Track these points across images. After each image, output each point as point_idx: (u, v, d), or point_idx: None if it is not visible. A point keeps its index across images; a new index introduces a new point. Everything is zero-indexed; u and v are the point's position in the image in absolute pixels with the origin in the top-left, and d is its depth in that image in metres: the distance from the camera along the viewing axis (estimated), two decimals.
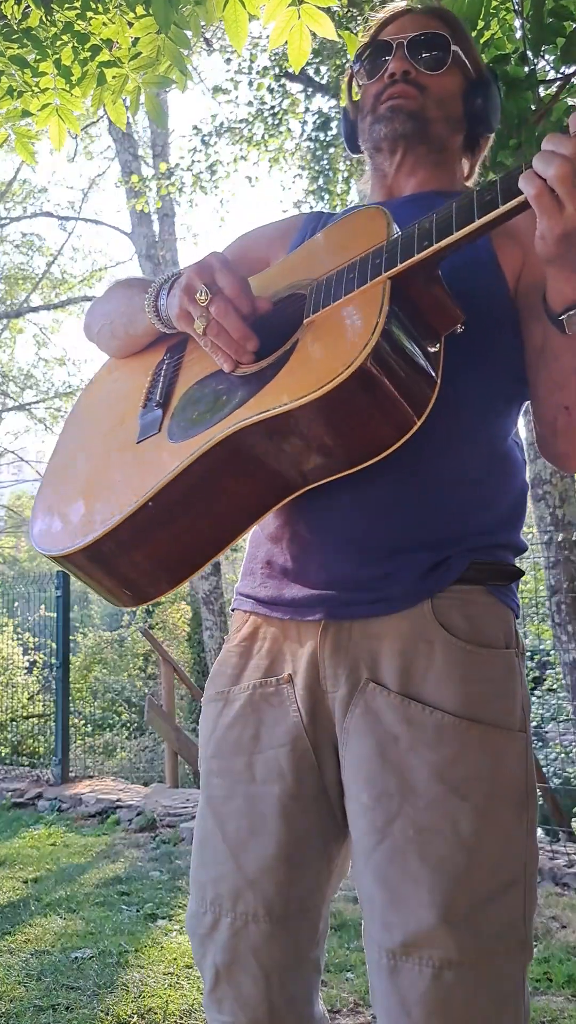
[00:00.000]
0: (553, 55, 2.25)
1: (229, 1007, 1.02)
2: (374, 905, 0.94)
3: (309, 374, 0.86)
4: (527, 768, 0.96)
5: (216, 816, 1.05)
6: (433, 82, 1.12)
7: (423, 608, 0.96)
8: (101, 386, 1.24)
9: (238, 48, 1.85)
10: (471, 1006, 0.89)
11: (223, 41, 8.13)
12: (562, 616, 5.54)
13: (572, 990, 2.36)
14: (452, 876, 0.90)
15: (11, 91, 2.28)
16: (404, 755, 0.93)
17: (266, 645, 1.06)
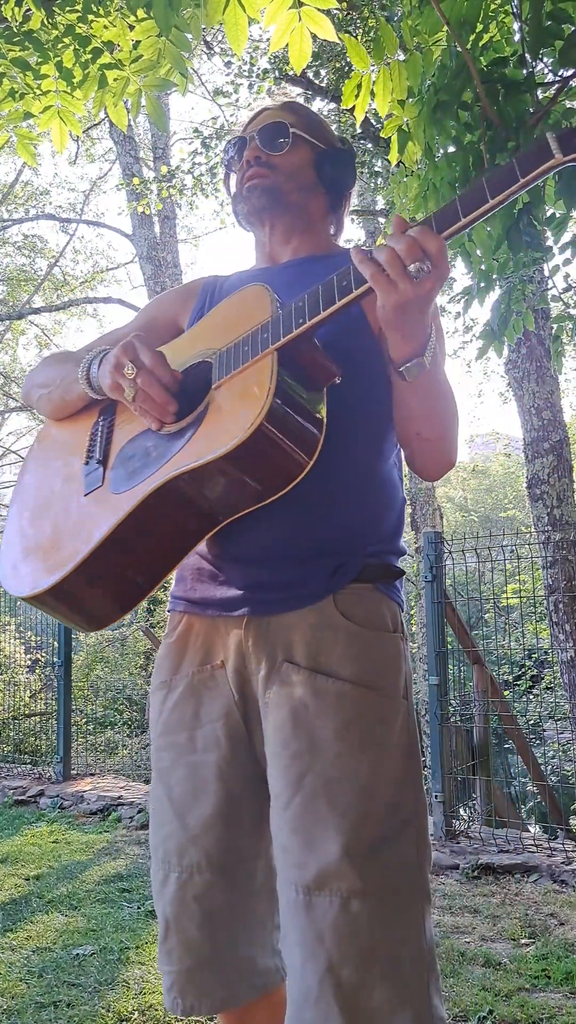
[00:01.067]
0: (551, 58, 2.26)
1: (177, 955, 1.19)
2: (289, 852, 1.10)
3: (221, 432, 1.07)
4: (411, 729, 1.18)
5: (164, 784, 1.24)
6: (280, 160, 1.35)
7: (327, 602, 1.18)
8: (47, 445, 1.45)
9: (238, 51, 1.86)
10: (376, 931, 1.05)
11: (223, 44, 8.14)
12: (559, 615, 5.55)
13: (570, 987, 2.38)
14: (354, 818, 1.08)
15: (13, 93, 2.30)
16: (313, 719, 1.13)
17: (200, 639, 1.26)
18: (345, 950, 1.03)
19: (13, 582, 1.26)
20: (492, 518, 22.60)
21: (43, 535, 1.28)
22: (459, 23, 2.06)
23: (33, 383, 1.45)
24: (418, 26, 2.20)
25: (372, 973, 1.04)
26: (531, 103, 2.17)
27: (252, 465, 1.07)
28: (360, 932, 1.04)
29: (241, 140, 1.39)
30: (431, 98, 2.16)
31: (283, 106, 1.42)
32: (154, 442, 1.19)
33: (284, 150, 1.36)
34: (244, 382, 1.10)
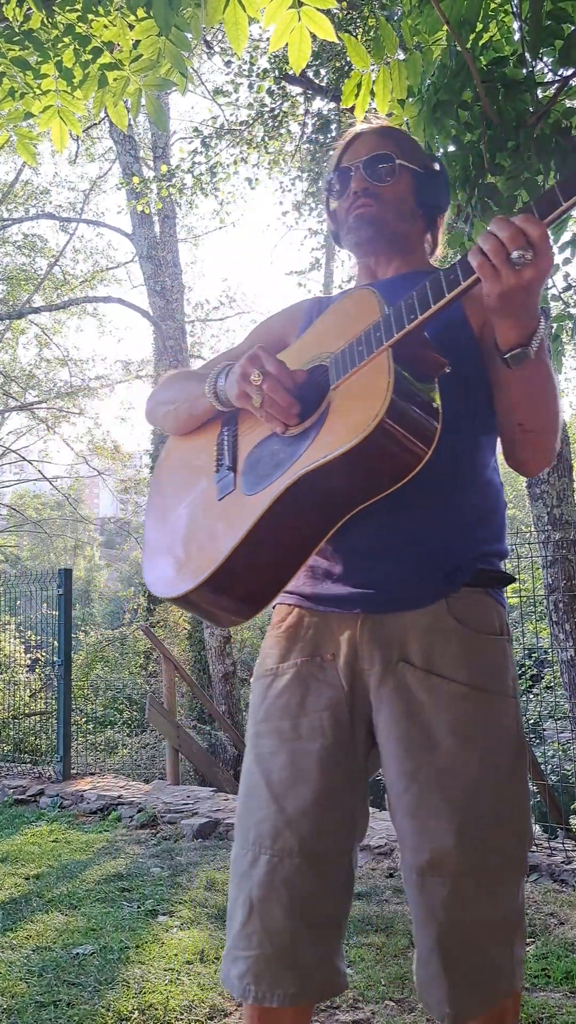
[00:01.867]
0: (551, 57, 2.26)
1: (258, 939, 1.22)
2: (405, 835, 1.23)
3: (344, 429, 1.14)
4: (519, 725, 1.27)
5: (263, 769, 1.29)
6: (386, 190, 1.43)
7: (441, 605, 1.25)
8: (175, 458, 1.55)
9: (238, 50, 1.86)
10: (481, 907, 1.19)
11: (223, 44, 8.14)
12: (559, 615, 5.55)
13: (569, 986, 2.38)
14: (465, 808, 1.19)
15: (13, 93, 2.30)
16: (428, 717, 1.22)
17: (310, 632, 1.32)
18: (451, 925, 1.19)
19: (161, 586, 1.36)
20: None
21: (183, 541, 1.37)
22: (459, 22, 2.05)
23: (158, 401, 1.55)
24: (418, 25, 2.20)
25: (474, 942, 1.20)
26: (531, 102, 2.17)
27: (376, 457, 1.13)
28: (464, 910, 1.18)
29: (346, 170, 1.46)
30: (431, 97, 2.16)
31: (382, 132, 1.50)
32: (280, 445, 1.27)
33: (389, 181, 1.43)
34: (362, 380, 1.17)
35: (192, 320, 17.32)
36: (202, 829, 4.32)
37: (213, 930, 2.86)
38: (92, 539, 24.77)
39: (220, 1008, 2.27)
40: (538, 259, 1.04)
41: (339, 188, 1.48)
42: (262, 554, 1.23)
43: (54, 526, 22.10)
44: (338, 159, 1.50)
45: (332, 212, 1.52)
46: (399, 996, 2.30)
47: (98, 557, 27.88)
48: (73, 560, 25.42)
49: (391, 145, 1.46)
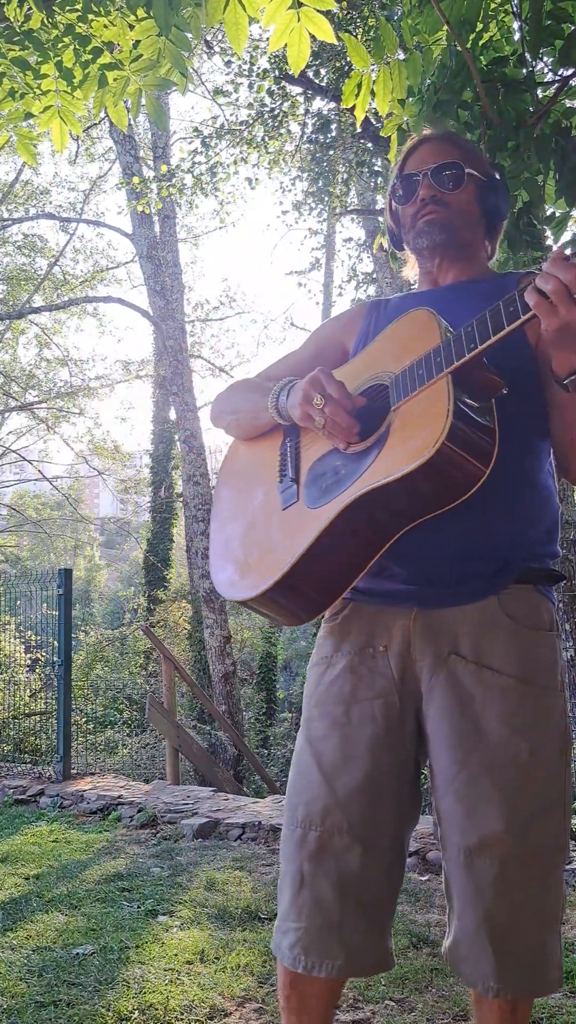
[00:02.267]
0: (551, 57, 2.26)
1: (308, 912, 1.30)
2: (453, 818, 1.28)
3: (405, 452, 1.21)
4: (566, 718, 1.32)
5: (314, 751, 1.36)
6: (453, 199, 1.48)
7: (491, 601, 1.32)
8: (238, 462, 1.63)
9: (238, 50, 1.86)
10: (527, 888, 1.26)
11: (223, 44, 8.14)
12: (560, 615, 5.55)
13: (570, 987, 2.38)
14: (514, 795, 1.26)
15: (13, 93, 2.30)
16: (478, 708, 1.28)
17: (363, 624, 1.39)
18: (500, 903, 1.25)
19: (229, 589, 1.45)
20: None
21: (249, 547, 1.46)
22: (459, 22, 2.05)
23: (222, 409, 1.63)
24: (418, 25, 2.20)
25: (520, 921, 1.26)
26: (531, 102, 2.17)
27: (435, 479, 1.20)
28: (512, 890, 1.25)
29: (412, 176, 1.51)
30: (431, 97, 2.15)
31: (447, 139, 1.57)
32: (342, 461, 1.34)
33: (457, 189, 1.49)
34: (422, 404, 1.23)
35: (192, 320, 17.33)
36: (202, 829, 4.32)
37: (213, 930, 2.86)
38: (92, 539, 24.77)
39: (220, 1008, 2.27)
40: None
41: (404, 194, 1.52)
42: (323, 564, 1.31)
43: (54, 526, 22.10)
44: (402, 164, 1.55)
45: (395, 215, 1.58)
46: (399, 996, 2.30)
47: (98, 557, 27.89)
48: (73, 560, 25.43)
49: (458, 153, 1.51)
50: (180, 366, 12.22)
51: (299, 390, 1.36)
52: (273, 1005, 2.27)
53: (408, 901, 3.14)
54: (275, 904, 3.14)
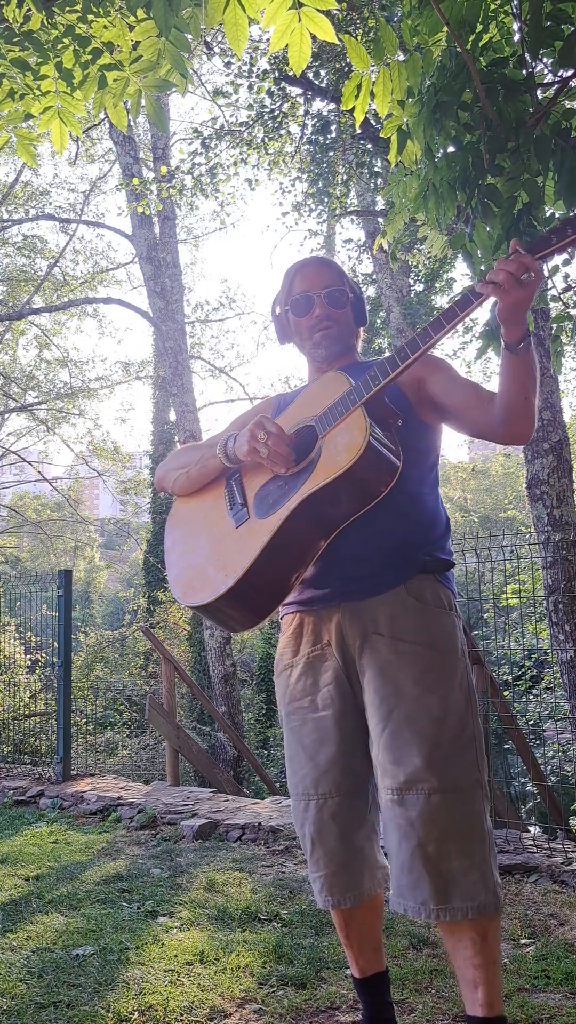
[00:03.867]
0: (551, 58, 2.26)
1: (324, 862, 1.72)
2: (384, 766, 1.60)
3: (337, 460, 1.57)
4: (468, 678, 1.67)
5: (296, 739, 1.76)
6: (340, 315, 1.90)
7: (400, 589, 1.69)
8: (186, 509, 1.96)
9: (238, 51, 1.86)
10: (451, 816, 1.54)
11: (223, 44, 8.14)
12: (559, 616, 5.55)
13: (570, 987, 2.37)
14: (431, 740, 1.57)
15: (12, 94, 2.30)
16: (395, 672, 1.63)
17: (310, 628, 1.77)
18: (429, 831, 1.53)
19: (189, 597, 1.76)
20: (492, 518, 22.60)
21: (206, 561, 1.76)
22: (459, 23, 2.06)
23: (168, 468, 2.00)
24: (418, 26, 2.20)
25: (449, 847, 1.53)
26: (531, 103, 2.17)
27: (360, 479, 1.56)
28: (439, 818, 1.53)
29: (308, 296, 1.89)
30: (431, 98, 2.16)
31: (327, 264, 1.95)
32: (283, 482, 1.69)
33: (342, 307, 1.90)
34: (344, 428, 1.60)
35: (192, 321, 17.33)
36: (202, 830, 4.32)
37: (213, 931, 2.86)
38: (92, 540, 24.75)
39: (220, 1009, 2.27)
40: (536, 278, 1.49)
41: (301, 309, 1.90)
42: (279, 558, 1.63)
43: (54, 527, 22.09)
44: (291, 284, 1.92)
45: (286, 320, 1.94)
46: (399, 997, 2.30)
47: (98, 558, 27.86)
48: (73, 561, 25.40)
49: (338, 278, 1.91)
50: (180, 367, 12.22)
51: (246, 432, 1.72)
52: (273, 1006, 2.27)
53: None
54: (275, 905, 3.14)
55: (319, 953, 2.61)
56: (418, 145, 2.25)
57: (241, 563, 1.63)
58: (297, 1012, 2.25)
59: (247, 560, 1.62)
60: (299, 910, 3.03)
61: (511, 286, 1.47)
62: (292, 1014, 2.24)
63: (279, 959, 2.58)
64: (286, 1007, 2.26)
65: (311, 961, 2.54)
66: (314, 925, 2.88)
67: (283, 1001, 2.29)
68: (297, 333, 1.95)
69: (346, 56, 6.38)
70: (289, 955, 2.59)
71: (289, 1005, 2.27)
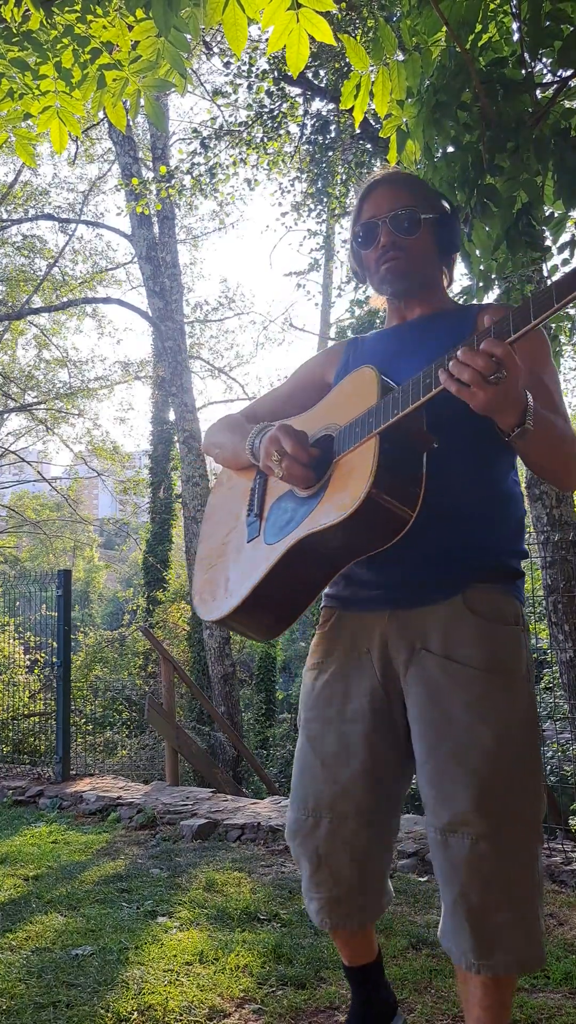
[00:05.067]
0: (550, 58, 2.26)
1: (328, 884, 1.54)
2: (428, 800, 1.42)
3: (337, 503, 1.40)
4: (532, 703, 1.44)
5: (314, 749, 1.56)
6: (411, 243, 1.61)
7: (456, 599, 1.46)
8: (224, 490, 1.87)
9: (237, 51, 1.86)
10: (500, 865, 1.35)
11: (222, 44, 8.14)
12: (559, 615, 5.55)
13: (569, 987, 2.37)
14: (481, 778, 1.36)
15: (12, 93, 2.30)
16: (446, 697, 1.41)
17: (348, 630, 1.57)
18: (472, 880, 1.36)
19: (205, 610, 1.67)
20: None
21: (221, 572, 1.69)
22: (458, 23, 2.06)
23: (211, 442, 1.85)
24: (417, 26, 2.20)
25: (494, 898, 1.35)
26: (530, 103, 2.17)
27: (365, 525, 1.37)
28: (484, 867, 1.35)
29: (372, 223, 1.62)
30: (430, 98, 2.16)
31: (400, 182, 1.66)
32: (293, 503, 1.55)
33: (414, 234, 1.61)
34: (356, 458, 1.41)
35: (191, 321, 17.33)
36: (201, 830, 4.32)
37: (212, 931, 2.86)
38: (91, 540, 24.74)
39: (219, 1009, 2.27)
40: (511, 371, 1.21)
41: (366, 239, 1.65)
42: (276, 593, 1.52)
43: (53, 527, 22.08)
44: (359, 209, 1.66)
45: (358, 257, 1.70)
46: (399, 997, 2.30)
47: (97, 558, 27.84)
48: (72, 561, 25.39)
49: (411, 197, 1.62)
50: (179, 367, 12.22)
51: (265, 442, 1.55)
52: (272, 1006, 2.27)
53: (407, 902, 3.13)
54: (274, 905, 3.13)
55: (319, 953, 2.61)
56: (417, 145, 2.25)
57: (240, 590, 1.56)
58: (297, 1012, 2.25)
59: (245, 589, 1.55)
60: (299, 910, 3.03)
61: (479, 387, 1.21)
62: (292, 1014, 2.24)
63: (278, 959, 2.58)
64: (285, 1007, 2.26)
65: (311, 961, 2.54)
66: (314, 925, 2.88)
67: (282, 1001, 2.29)
68: (367, 268, 1.69)
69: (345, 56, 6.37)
70: (289, 955, 2.59)
71: (289, 1005, 2.27)
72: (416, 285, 1.63)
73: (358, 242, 1.67)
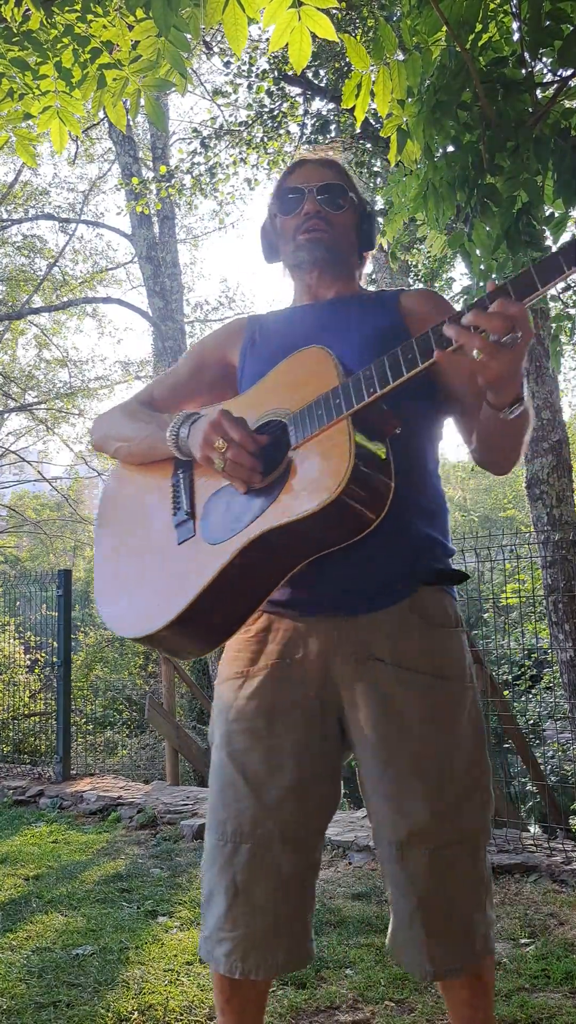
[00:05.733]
0: (551, 58, 2.26)
1: (244, 920, 1.33)
2: (384, 815, 1.34)
3: (308, 492, 1.22)
4: (478, 709, 1.40)
5: (237, 765, 1.37)
6: (337, 219, 1.53)
7: (404, 604, 1.36)
8: (126, 489, 1.58)
9: (237, 51, 1.86)
10: (458, 871, 1.33)
11: (223, 44, 8.13)
12: (559, 615, 5.55)
13: (570, 987, 2.37)
14: (437, 786, 1.32)
15: (12, 93, 2.30)
16: (399, 707, 1.33)
17: (279, 635, 1.40)
18: (432, 890, 1.31)
19: (119, 623, 1.44)
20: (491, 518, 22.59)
21: (144, 580, 1.43)
22: (458, 23, 2.05)
23: (108, 434, 1.60)
24: (417, 26, 2.20)
25: (453, 904, 1.33)
26: (530, 103, 2.17)
27: (337, 519, 1.21)
28: (444, 875, 1.32)
29: (299, 190, 1.53)
30: (430, 98, 2.16)
31: (333, 165, 1.58)
32: (244, 497, 1.32)
33: (342, 211, 1.54)
34: (323, 445, 1.24)
35: (191, 320, 17.32)
36: (202, 830, 4.32)
37: None
38: (92, 540, 24.73)
39: None
40: (525, 335, 1.09)
41: (287, 205, 1.55)
42: (225, 598, 1.31)
43: (53, 527, 22.08)
44: (283, 179, 1.58)
45: (273, 226, 1.60)
46: (399, 997, 2.30)
47: None
48: (73, 561, 25.38)
49: (342, 178, 1.56)
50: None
51: (200, 431, 1.34)
52: (273, 1005, 2.27)
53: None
54: None
55: (319, 953, 2.61)
56: (418, 144, 2.25)
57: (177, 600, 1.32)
58: (297, 1012, 2.25)
59: (185, 599, 1.31)
60: None
61: (491, 354, 1.09)
62: (292, 1014, 2.24)
63: None
64: (286, 1007, 2.26)
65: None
66: (314, 925, 2.88)
67: (283, 1001, 2.29)
68: (282, 237, 1.57)
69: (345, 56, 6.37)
70: None
71: (289, 1005, 2.27)
72: (334, 260, 1.53)
73: (279, 208, 1.56)
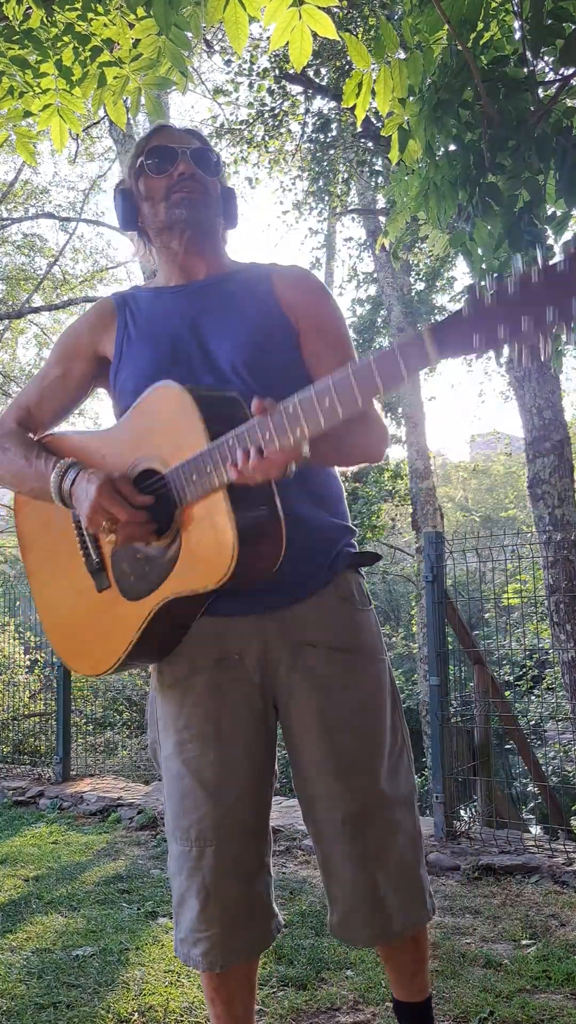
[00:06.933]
0: (552, 56, 2.26)
1: (217, 917, 1.39)
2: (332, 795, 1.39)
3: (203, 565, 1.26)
4: (393, 681, 1.50)
5: (192, 772, 1.40)
6: (211, 184, 1.47)
7: (328, 591, 1.43)
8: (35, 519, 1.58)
9: (238, 50, 1.86)
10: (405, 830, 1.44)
11: (223, 42, 8.13)
12: (560, 615, 5.54)
13: (571, 988, 2.37)
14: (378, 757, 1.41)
15: (12, 91, 2.29)
16: (338, 689, 1.40)
17: (211, 637, 1.41)
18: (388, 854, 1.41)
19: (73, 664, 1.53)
20: (493, 518, 22.60)
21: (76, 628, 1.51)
22: (460, 22, 2.05)
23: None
24: (419, 25, 2.20)
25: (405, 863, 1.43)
26: (532, 102, 2.17)
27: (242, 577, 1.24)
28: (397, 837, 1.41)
29: (171, 150, 1.45)
30: (432, 97, 2.15)
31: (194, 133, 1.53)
32: (145, 553, 1.36)
33: (215, 178, 1.48)
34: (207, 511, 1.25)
35: None
36: None
37: None
38: None
39: None
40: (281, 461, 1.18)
41: (158, 165, 1.45)
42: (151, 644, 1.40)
43: None
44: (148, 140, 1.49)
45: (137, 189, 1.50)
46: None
47: None
48: None
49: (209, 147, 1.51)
50: None
51: (86, 503, 1.31)
52: (273, 1007, 2.26)
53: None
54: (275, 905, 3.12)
55: (319, 954, 2.60)
56: (419, 143, 2.25)
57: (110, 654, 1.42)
58: (297, 1013, 2.24)
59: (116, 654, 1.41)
60: (299, 910, 3.03)
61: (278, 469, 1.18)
62: (292, 1015, 2.23)
63: (279, 960, 2.57)
64: (286, 1008, 2.26)
65: (311, 962, 2.54)
66: (314, 926, 2.87)
67: (283, 1002, 2.29)
68: (149, 199, 1.47)
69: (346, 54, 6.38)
70: (289, 956, 2.59)
71: (289, 1006, 2.26)
72: (208, 227, 1.46)
73: (149, 167, 1.46)
